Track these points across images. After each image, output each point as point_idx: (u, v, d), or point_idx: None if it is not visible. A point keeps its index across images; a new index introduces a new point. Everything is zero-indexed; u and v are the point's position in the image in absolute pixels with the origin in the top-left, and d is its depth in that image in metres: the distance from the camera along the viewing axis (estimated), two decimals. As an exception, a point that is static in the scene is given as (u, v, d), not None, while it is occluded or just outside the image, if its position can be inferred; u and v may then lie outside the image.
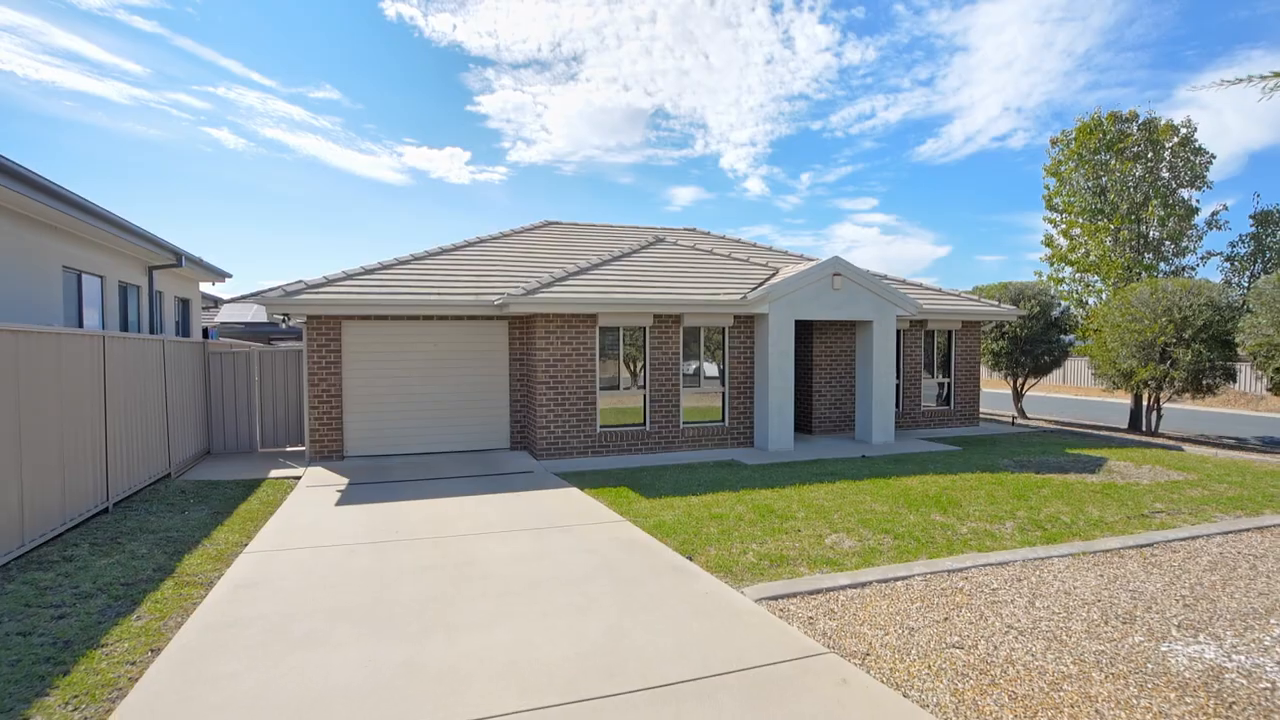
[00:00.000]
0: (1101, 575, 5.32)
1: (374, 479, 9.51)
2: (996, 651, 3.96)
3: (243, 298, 25.74)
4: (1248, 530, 6.67)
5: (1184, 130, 17.98)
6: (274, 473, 10.12)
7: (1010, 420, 17.09)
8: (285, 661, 3.81)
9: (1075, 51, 66.85)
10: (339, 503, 8.04)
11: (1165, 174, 18.16)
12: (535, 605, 4.66)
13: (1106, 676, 3.64)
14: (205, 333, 18.98)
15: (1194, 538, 6.39)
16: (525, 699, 3.38)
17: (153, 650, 4.00)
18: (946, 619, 4.45)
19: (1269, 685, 3.51)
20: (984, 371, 20.91)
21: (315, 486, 9.06)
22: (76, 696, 3.43)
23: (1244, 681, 3.56)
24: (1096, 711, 3.29)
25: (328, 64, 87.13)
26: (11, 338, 5.54)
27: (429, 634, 4.18)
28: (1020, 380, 18.73)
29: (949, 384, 15.24)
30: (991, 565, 5.56)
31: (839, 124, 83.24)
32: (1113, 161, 18.26)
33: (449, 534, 6.54)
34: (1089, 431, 15.41)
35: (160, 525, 6.90)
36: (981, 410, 19.40)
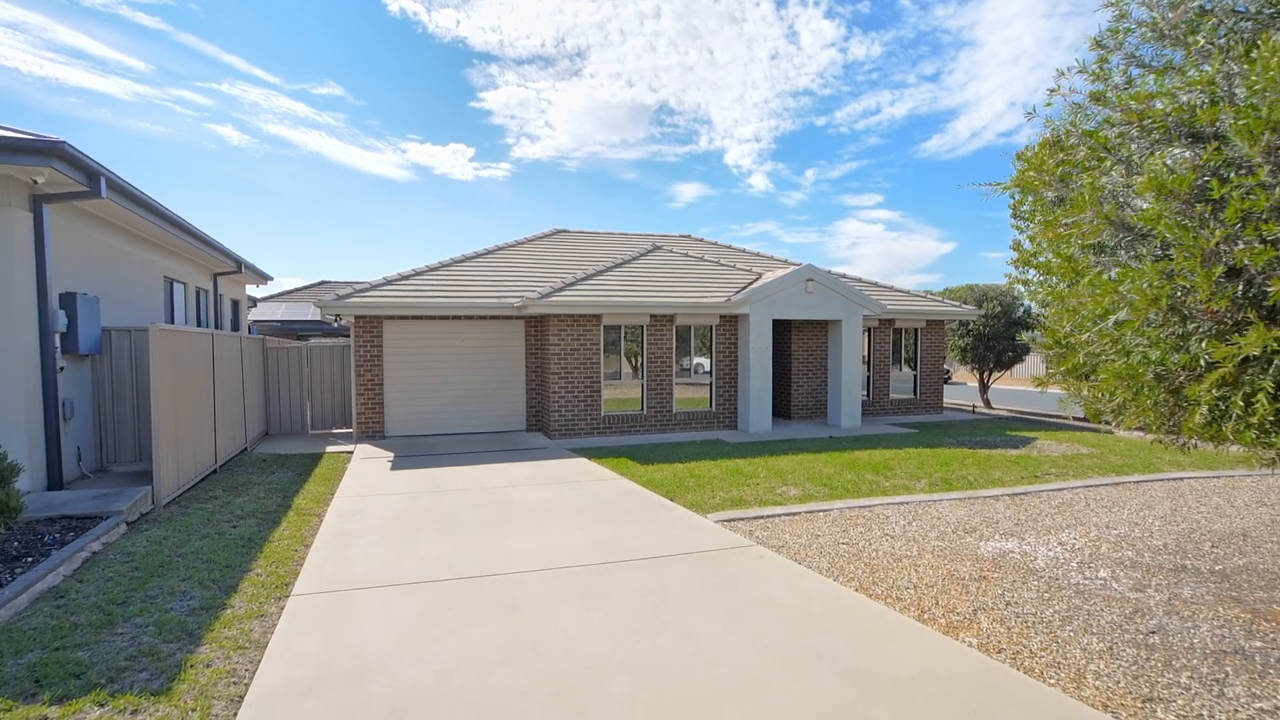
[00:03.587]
0: (971, 510, 7.27)
1: (415, 452, 11.49)
2: (870, 546, 5.91)
3: (276, 296, 27.60)
4: (1106, 485, 8.59)
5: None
6: (330, 448, 12.10)
7: (971, 409, 18.99)
8: (398, 550, 5.78)
9: (1083, 47, 68.07)
10: (393, 468, 10.02)
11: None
12: (558, 524, 6.63)
13: (933, 556, 5.59)
14: (248, 330, 20.98)
15: (1060, 489, 8.32)
16: (557, 562, 5.36)
17: (304, 546, 5.98)
18: (845, 531, 6.40)
19: (1030, 558, 5.46)
20: (961, 367, 22.79)
21: (368, 458, 11.03)
22: (273, 562, 5.41)
23: (1018, 557, 5.51)
24: (915, 570, 5.24)
25: (331, 60, 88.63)
26: (170, 336, 7.51)
27: (488, 538, 6.15)
28: (985, 373, 20.62)
29: (915, 376, 17.15)
30: (894, 504, 7.51)
31: (844, 120, 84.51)
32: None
33: (487, 486, 8.52)
34: (1041, 419, 17.28)
35: (263, 480, 8.90)
36: (954, 401, 21.34)
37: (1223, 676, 3.48)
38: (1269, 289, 3.25)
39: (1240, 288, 3.44)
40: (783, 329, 15.75)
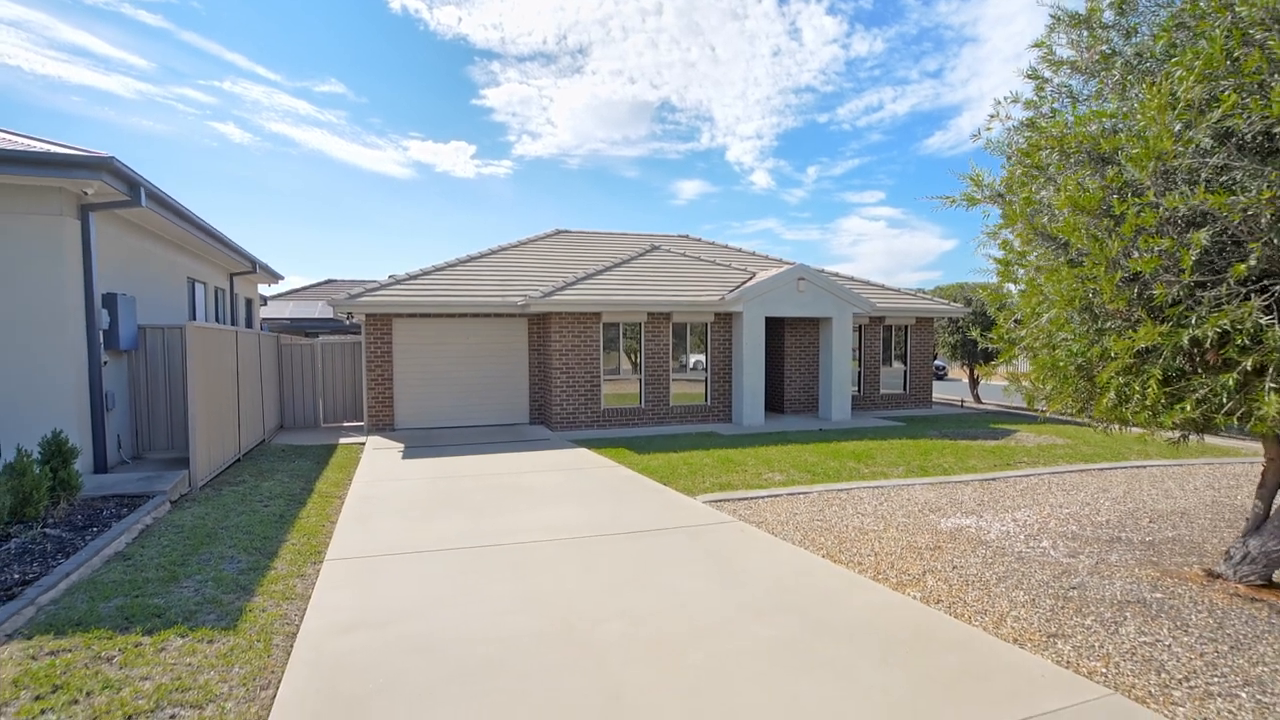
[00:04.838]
0: (940, 493, 7.89)
1: (424, 443, 12.14)
2: (841, 522, 6.54)
3: (284, 294, 28.25)
4: (1071, 472, 9.20)
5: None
6: (343, 440, 12.75)
7: (960, 403, 19.59)
8: (415, 526, 6.43)
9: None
10: (404, 457, 10.66)
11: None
12: (561, 504, 7.27)
13: (897, 531, 6.22)
14: (260, 327, 21.62)
15: (1026, 475, 8.93)
16: (560, 534, 6.01)
17: (330, 522, 6.62)
18: (820, 511, 7.03)
19: (985, 531, 6.09)
20: (954, 363, 23.37)
21: (380, 449, 11.68)
22: (304, 535, 6.06)
23: (973, 531, 6.14)
24: (879, 541, 5.87)
25: (333, 58, 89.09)
26: (202, 333, 8.15)
27: (497, 516, 6.79)
28: (975, 369, 21.20)
29: (905, 371, 17.76)
30: (869, 488, 8.13)
31: (846, 116, 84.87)
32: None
33: (494, 472, 9.16)
34: (1027, 414, 17.84)
35: (284, 468, 9.55)
36: (945, 396, 21.94)
37: (1121, 620, 4.11)
38: (1155, 292, 3.86)
39: (1136, 290, 4.05)
40: (776, 326, 16.36)
